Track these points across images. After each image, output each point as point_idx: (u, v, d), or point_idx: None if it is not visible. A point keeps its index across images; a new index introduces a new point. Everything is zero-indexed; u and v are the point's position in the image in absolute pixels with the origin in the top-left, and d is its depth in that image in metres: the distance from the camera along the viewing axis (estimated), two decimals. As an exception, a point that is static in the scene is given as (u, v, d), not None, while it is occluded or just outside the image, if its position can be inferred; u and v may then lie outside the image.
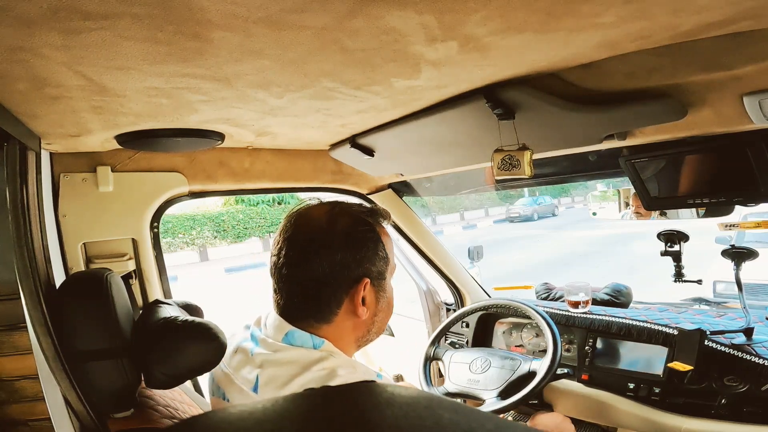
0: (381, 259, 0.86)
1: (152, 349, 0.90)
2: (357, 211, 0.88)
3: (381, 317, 0.90)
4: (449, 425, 0.23)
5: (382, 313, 0.90)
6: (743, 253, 1.38)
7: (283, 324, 0.84)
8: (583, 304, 1.74)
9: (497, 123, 1.05)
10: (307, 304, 0.84)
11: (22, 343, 1.27)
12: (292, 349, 0.82)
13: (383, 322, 0.92)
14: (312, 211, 0.87)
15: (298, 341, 0.83)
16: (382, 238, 0.87)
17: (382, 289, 0.88)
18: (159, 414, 1.00)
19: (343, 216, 0.86)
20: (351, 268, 0.83)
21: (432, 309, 2.24)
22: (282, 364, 0.81)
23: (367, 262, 0.84)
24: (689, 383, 1.36)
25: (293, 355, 0.81)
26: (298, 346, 0.82)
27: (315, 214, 0.86)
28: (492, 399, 1.52)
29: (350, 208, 0.88)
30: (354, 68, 0.79)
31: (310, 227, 0.85)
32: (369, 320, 0.88)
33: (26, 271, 0.86)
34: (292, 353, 0.82)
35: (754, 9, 0.65)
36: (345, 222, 0.84)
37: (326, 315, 0.84)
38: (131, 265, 1.41)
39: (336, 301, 0.84)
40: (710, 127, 0.98)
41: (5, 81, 0.70)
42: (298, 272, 0.83)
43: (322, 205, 0.89)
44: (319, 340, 0.83)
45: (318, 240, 0.83)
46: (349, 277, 0.83)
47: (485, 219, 21.88)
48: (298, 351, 0.82)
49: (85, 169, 1.31)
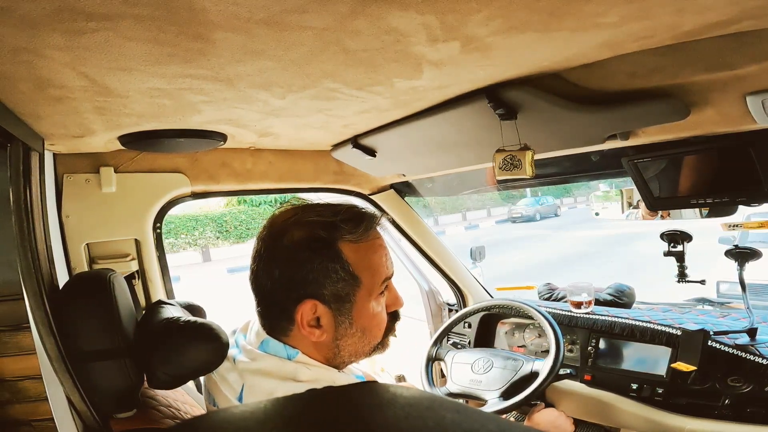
0: (340, 280, 0.75)
1: (155, 349, 0.90)
2: (316, 221, 0.77)
3: (349, 342, 0.80)
4: (451, 426, 0.23)
5: (349, 338, 0.79)
6: (747, 253, 1.38)
7: (260, 332, 0.82)
8: (585, 305, 1.74)
9: (499, 123, 1.05)
10: (265, 313, 0.81)
11: (26, 344, 1.27)
12: (267, 358, 0.79)
13: (356, 347, 0.81)
14: (278, 216, 0.81)
15: (272, 350, 0.79)
16: (344, 255, 0.76)
17: (344, 313, 0.77)
18: (161, 414, 1.01)
19: (296, 226, 0.77)
20: (290, 287, 0.75)
21: (434, 309, 2.23)
22: (261, 374, 0.78)
23: (312, 283, 0.75)
24: (692, 384, 1.36)
25: (268, 365, 0.78)
26: (272, 354, 0.79)
27: (277, 219, 0.80)
28: (494, 399, 1.52)
29: (311, 215, 0.78)
30: (356, 69, 0.79)
31: (265, 236, 0.79)
32: (330, 344, 0.79)
33: (29, 271, 0.86)
34: (267, 363, 0.78)
35: (756, 9, 0.65)
36: (294, 235, 0.76)
37: (282, 329, 0.79)
38: (134, 265, 1.41)
39: (286, 317, 0.78)
40: (713, 127, 0.97)
41: (8, 82, 0.70)
42: (253, 280, 0.80)
43: (289, 210, 0.81)
44: (293, 351, 0.79)
45: (265, 250, 0.77)
46: (291, 296, 0.76)
47: (487, 219, 21.85)
48: (272, 360, 0.78)
49: (88, 169, 1.32)
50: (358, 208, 0.81)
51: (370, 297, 0.79)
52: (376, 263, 0.79)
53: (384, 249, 0.82)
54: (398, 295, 0.86)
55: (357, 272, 0.76)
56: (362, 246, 0.78)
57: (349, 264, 0.76)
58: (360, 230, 0.77)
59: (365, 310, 0.79)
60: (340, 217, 0.77)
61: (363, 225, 0.78)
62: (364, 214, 0.80)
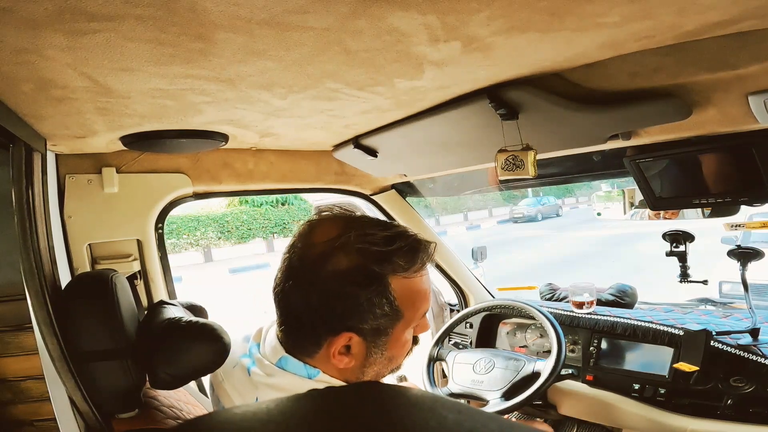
0: (382, 316, 0.70)
1: (157, 349, 0.90)
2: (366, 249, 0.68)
3: (375, 370, 0.76)
4: (453, 426, 0.23)
5: (376, 366, 0.75)
6: (749, 253, 1.38)
7: (278, 346, 0.77)
8: (587, 305, 1.73)
9: (501, 123, 1.05)
10: (289, 332, 0.75)
11: (28, 344, 1.28)
12: (286, 375, 0.74)
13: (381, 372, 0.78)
14: (318, 232, 0.72)
15: (291, 368, 0.75)
16: (393, 289, 0.69)
17: (380, 345, 0.73)
18: (163, 414, 1.01)
19: (342, 252, 0.68)
20: (327, 318, 0.69)
21: (436, 310, 2.23)
22: (277, 390, 0.74)
23: (354, 317, 0.69)
24: (695, 384, 1.36)
25: (286, 383, 0.73)
26: (291, 372, 0.74)
27: (318, 237, 0.71)
28: (496, 400, 1.52)
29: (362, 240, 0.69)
30: (357, 69, 0.79)
31: (304, 253, 0.71)
32: (356, 370, 0.75)
33: (32, 271, 0.86)
34: (285, 380, 0.74)
35: (758, 9, 0.65)
36: (341, 263, 0.68)
37: (307, 349, 0.74)
38: (136, 265, 1.42)
39: (314, 341, 0.72)
40: (715, 126, 0.97)
41: (11, 82, 0.71)
42: (281, 296, 0.73)
43: (333, 226, 0.72)
44: (314, 371, 0.74)
45: (302, 271, 0.70)
46: (324, 325, 0.70)
47: (489, 219, 21.83)
48: (291, 378, 0.74)
49: (90, 170, 1.32)
50: (413, 236, 0.74)
51: (406, 329, 0.75)
52: (422, 298, 0.74)
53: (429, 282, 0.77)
54: (427, 324, 0.83)
55: (402, 307, 0.71)
56: (412, 281, 0.72)
57: (395, 299, 0.70)
58: (415, 266, 0.72)
59: (399, 341, 0.75)
60: (396, 246, 0.70)
61: (419, 259, 0.72)
62: (420, 246, 0.73)
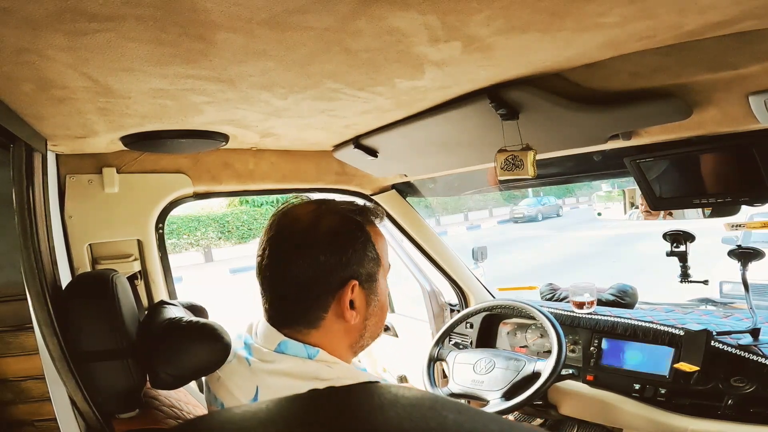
0: (371, 260, 0.82)
1: (157, 349, 0.90)
2: (345, 209, 0.83)
3: (373, 321, 0.86)
4: (453, 426, 0.23)
5: (375, 317, 0.85)
6: (750, 253, 1.38)
7: (273, 333, 0.81)
8: (588, 305, 1.73)
9: (501, 123, 1.05)
10: (291, 308, 0.80)
11: (29, 344, 1.28)
12: (286, 359, 0.78)
13: (377, 326, 0.87)
14: (296, 210, 0.83)
15: (291, 351, 0.79)
16: (372, 237, 0.83)
17: (373, 291, 0.83)
18: (164, 414, 1.01)
19: (329, 214, 0.81)
20: (336, 270, 0.78)
21: (436, 310, 2.23)
22: (280, 375, 0.77)
23: (355, 263, 0.79)
24: (695, 384, 1.36)
25: (287, 366, 0.78)
26: (291, 355, 0.79)
27: (299, 213, 0.82)
28: (496, 400, 1.52)
29: (338, 206, 0.84)
30: (357, 69, 0.79)
31: (294, 227, 0.80)
32: (360, 325, 0.83)
33: (32, 272, 0.86)
34: (287, 364, 0.78)
35: (758, 8, 0.65)
36: (331, 221, 0.80)
37: (312, 320, 0.80)
38: (137, 266, 1.42)
39: (322, 305, 0.79)
40: (716, 126, 0.97)
41: (11, 83, 0.71)
42: (280, 274, 0.79)
43: (308, 204, 0.84)
44: (314, 350, 0.79)
45: (301, 240, 0.78)
46: (335, 279, 0.78)
47: (489, 219, 21.82)
48: (293, 361, 0.78)
49: (90, 170, 1.32)
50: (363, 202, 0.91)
51: (384, 274, 0.87)
52: (385, 245, 0.88)
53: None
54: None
55: (379, 252, 0.84)
56: (378, 230, 0.87)
57: (374, 245, 0.83)
58: (378, 218, 0.87)
59: (382, 288, 0.86)
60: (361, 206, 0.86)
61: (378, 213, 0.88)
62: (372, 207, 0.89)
